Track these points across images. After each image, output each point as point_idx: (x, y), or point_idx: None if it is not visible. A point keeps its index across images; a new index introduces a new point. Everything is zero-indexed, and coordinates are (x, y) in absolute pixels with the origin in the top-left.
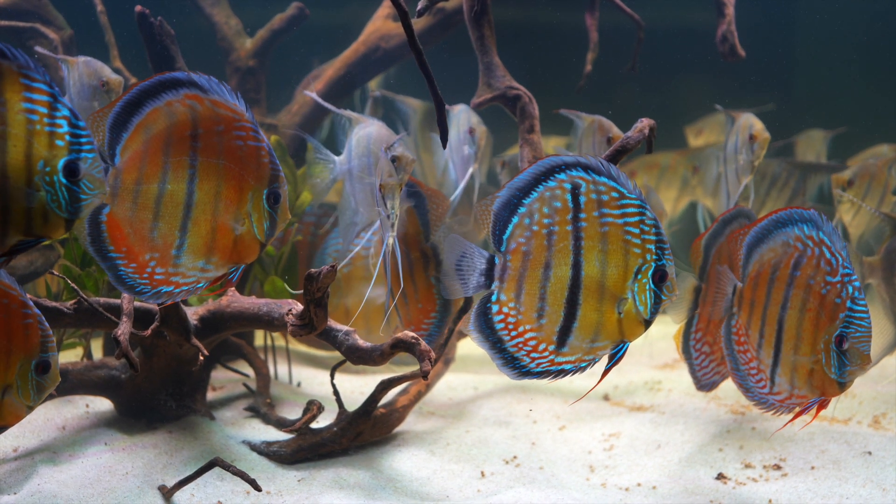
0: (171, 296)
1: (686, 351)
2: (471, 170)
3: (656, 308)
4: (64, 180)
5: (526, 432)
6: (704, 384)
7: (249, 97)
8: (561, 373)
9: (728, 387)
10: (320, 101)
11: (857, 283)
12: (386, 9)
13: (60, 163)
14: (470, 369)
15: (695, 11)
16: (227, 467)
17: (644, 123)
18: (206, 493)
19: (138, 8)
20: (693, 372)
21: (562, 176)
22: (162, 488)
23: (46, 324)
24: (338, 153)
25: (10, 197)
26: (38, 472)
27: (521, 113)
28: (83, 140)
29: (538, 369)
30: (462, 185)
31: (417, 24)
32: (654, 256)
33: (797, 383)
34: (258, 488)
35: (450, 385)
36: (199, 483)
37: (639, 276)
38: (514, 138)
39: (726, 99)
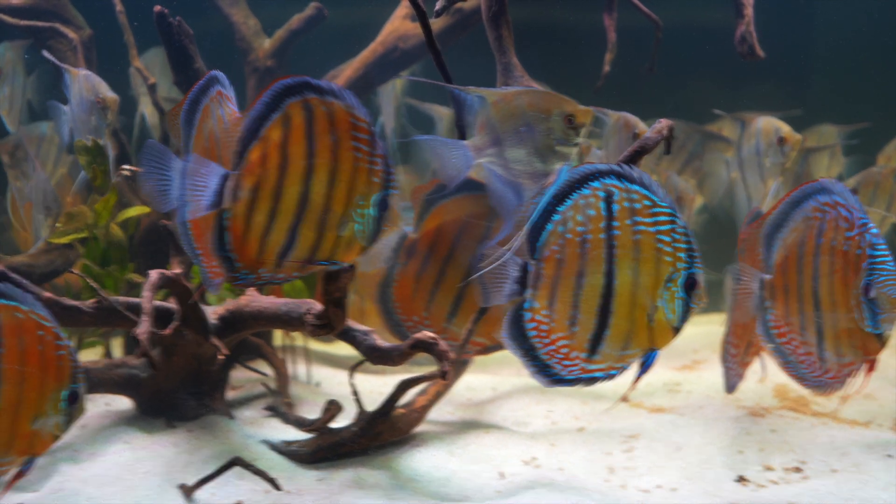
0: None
1: (724, 355)
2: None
3: (686, 316)
4: (375, 214)
5: (545, 433)
6: (730, 385)
7: None
8: (592, 380)
9: (748, 388)
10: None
11: (874, 230)
12: (404, 9)
13: (375, 198)
14: (489, 370)
15: (713, 11)
16: (248, 466)
17: (663, 124)
18: (227, 492)
19: (157, 8)
20: (727, 375)
21: (596, 184)
22: (182, 487)
23: (77, 354)
24: None
25: (327, 225)
26: (60, 469)
27: None
28: (392, 178)
29: (570, 377)
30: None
31: (435, 24)
32: (684, 264)
33: (842, 351)
34: (278, 487)
35: (469, 386)
36: (219, 482)
37: (669, 285)
38: None
39: (744, 99)
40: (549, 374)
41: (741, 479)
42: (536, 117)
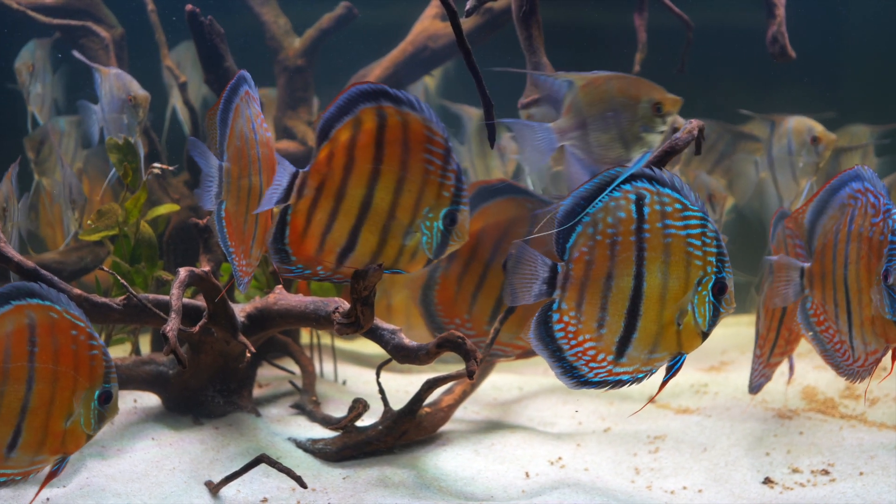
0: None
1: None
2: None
3: (714, 321)
4: (442, 227)
5: (571, 433)
6: (754, 386)
7: (297, 96)
8: (618, 383)
9: (775, 390)
10: None
11: None
12: (434, 8)
13: (443, 212)
14: (515, 370)
15: (744, 12)
16: (274, 464)
17: (693, 124)
18: (252, 489)
19: (189, 7)
20: (753, 375)
21: (627, 186)
22: (208, 484)
23: (109, 355)
24: None
25: (391, 232)
26: (87, 465)
27: None
28: (463, 194)
29: (596, 379)
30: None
31: (465, 23)
32: (714, 269)
33: (867, 338)
34: (304, 485)
35: (495, 385)
36: (245, 479)
37: (699, 289)
38: None
39: (775, 100)
40: (576, 376)
41: (768, 481)
42: (624, 103)
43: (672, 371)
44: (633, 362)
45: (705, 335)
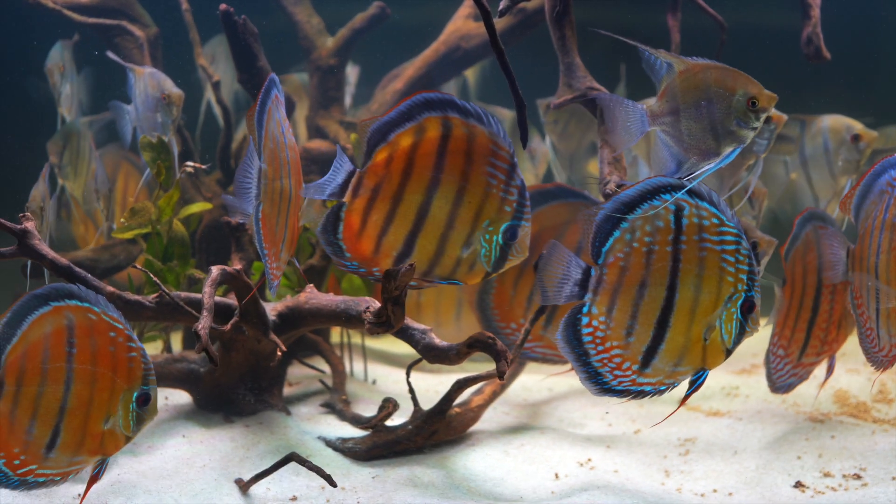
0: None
1: (767, 356)
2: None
3: (739, 339)
4: (502, 241)
5: (601, 435)
6: (779, 386)
7: (329, 95)
8: (641, 394)
9: (806, 393)
10: None
11: None
12: (467, 8)
13: (504, 226)
14: (545, 371)
15: (778, 12)
16: (304, 462)
17: None
18: (282, 488)
19: (223, 6)
20: (770, 376)
21: (667, 197)
22: (238, 481)
23: (148, 356)
24: None
25: (449, 242)
26: (119, 462)
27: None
28: (525, 210)
29: (619, 387)
30: None
31: (498, 23)
32: (744, 287)
33: (891, 329)
34: (333, 484)
35: (525, 386)
36: (274, 477)
37: (728, 305)
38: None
39: (810, 101)
40: (600, 382)
41: (799, 485)
42: (720, 94)
43: (695, 386)
44: (657, 374)
45: (729, 352)
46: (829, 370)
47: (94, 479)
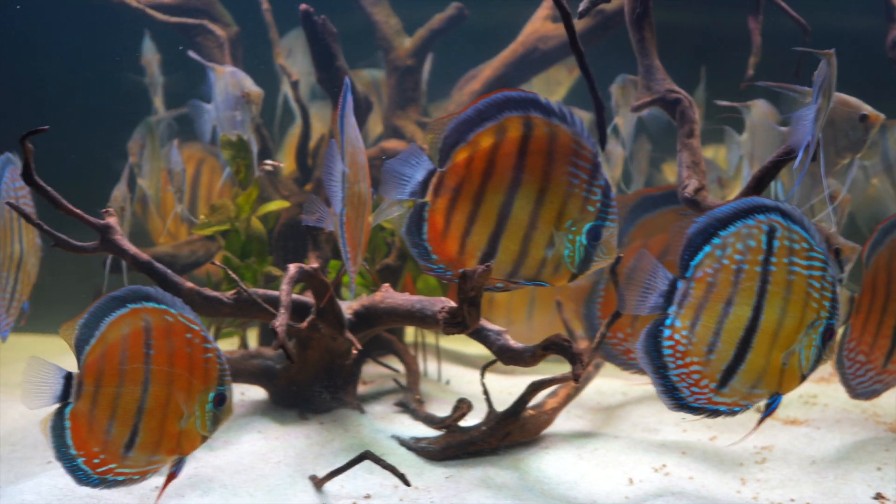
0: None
1: (839, 361)
2: None
3: (816, 365)
4: (585, 242)
5: (676, 441)
6: (861, 392)
7: (407, 96)
8: (715, 413)
9: (887, 403)
10: None
11: None
12: (545, 10)
13: (587, 226)
14: (619, 375)
15: (863, 15)
16: (378, 461)
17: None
18: (356, 486)
19: (303, 6)
20: (846, 381)
21: (761, 217)
22: (313, 478)
23: (224, 357)
24: None
25: (532, 242)
26: (195, 456)
27: (681, 117)
28: (610, 210)
29: (695, 404)
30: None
31: (577, 25)
32: (826, 314)
33: None
34: (407, 483)
35: (599, 390)
36: (348, 475)
37: (810, 331)
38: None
39: (891, 105)
40: (677, 397)
41: (879, 497)
42: (842, 112)
43: (770, 409)
44: (733, 394)
45: (803, 378)
46: None
47: (171, 476)
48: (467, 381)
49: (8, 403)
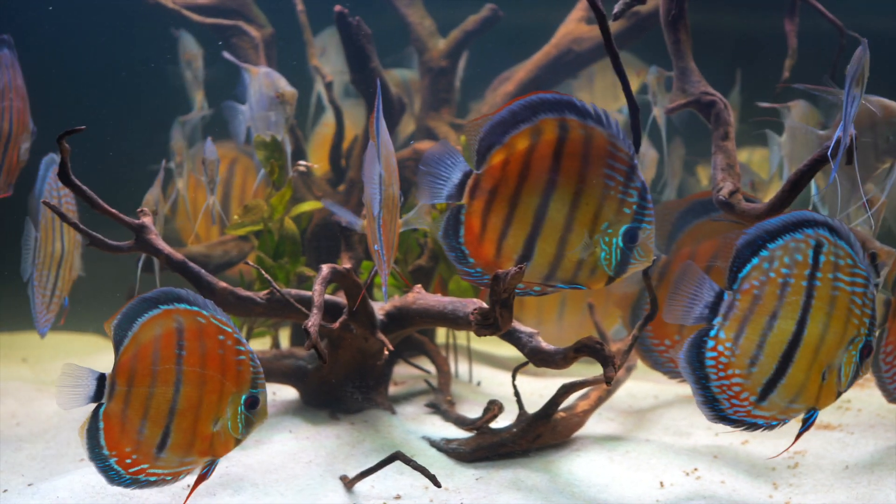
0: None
1: (875, 365)
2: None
3: (853, 381)
4: (622, 244)
5: (707, 444)
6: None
7: (440, 97)
8: (753, 426)
9: None
10: None
11: None
12: (579, 11)
13: (623, 228)
14: (651, 378)
15: None
16: (408, 462)
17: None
18: (386, 486)
19: (337, 7)
20: (883, 385)
21: (809, 231)
22: (343, 478)
23: (258, 360)
24: None
25: (569, 244)
26: (227, 455)
27: (716, 119)
28: (647, 212)
29: (734, 416)
30: None
31: (612, 27)
32: (866, 330)
33: None
34: (438, 484)
35: (630, 393)
36: (379, 475)
37: (850, 347)
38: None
39: None
40: (716, 409)
41: None
42: (880, 118)
43: (807, 425)
44: (772, 408)
45: (839, 394)
46: None
47: (202, 477)
48: (498, 383)
49: (43, 401)
